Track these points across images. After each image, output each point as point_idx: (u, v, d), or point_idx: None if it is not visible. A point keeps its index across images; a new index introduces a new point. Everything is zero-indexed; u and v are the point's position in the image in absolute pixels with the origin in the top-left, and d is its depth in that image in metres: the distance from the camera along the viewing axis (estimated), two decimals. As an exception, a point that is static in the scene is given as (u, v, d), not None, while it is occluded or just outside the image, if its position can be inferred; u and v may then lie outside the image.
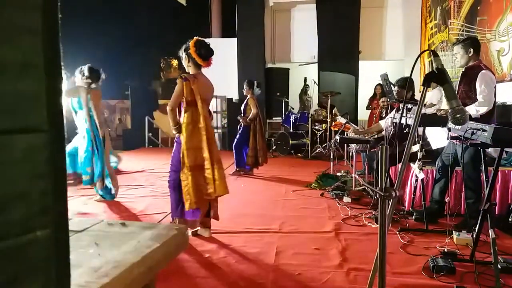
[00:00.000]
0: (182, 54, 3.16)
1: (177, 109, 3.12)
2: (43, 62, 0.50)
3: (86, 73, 4.11)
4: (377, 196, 1.42)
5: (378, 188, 1.25)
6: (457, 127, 2.71)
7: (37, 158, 0.48)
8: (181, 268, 2.62)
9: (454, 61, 3.58)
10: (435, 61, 1.30)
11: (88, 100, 4.09)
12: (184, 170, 3.07)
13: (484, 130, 2.34)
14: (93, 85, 4.19)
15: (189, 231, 3.28)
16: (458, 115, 1.35)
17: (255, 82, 6.09)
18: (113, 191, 4.33)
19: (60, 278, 0.54)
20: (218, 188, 3.13)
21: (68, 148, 4.20)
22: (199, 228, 3.28)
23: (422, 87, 1.33)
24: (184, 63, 3.19)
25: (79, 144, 4.22)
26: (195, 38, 3.15)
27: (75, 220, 1.19)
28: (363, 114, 9.44)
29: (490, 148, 3.03)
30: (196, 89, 3.06)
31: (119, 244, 0.98)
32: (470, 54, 3.38)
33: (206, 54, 3.11)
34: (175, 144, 3.19)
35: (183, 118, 3.09)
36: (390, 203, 1.24)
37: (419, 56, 1.40)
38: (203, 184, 3.10)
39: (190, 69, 3.17)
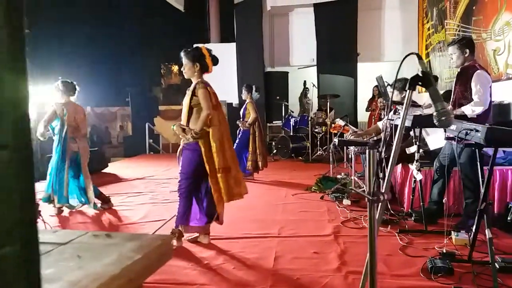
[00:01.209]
0: (188, 61, 3.14)
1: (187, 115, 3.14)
2: (8, 74, 0.50)
3: (61, 88, 4.18)
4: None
5: (366, 192, 1.26)
6: (452, 127, 2.71)
7: (3, 173, 0.48)
8: (180, 276, 2.63)
9: (451, 62, 3.59)
10: (419, 64, 1.31)
11: (64, 115, 4.13)
12: (212, 174, 3.08)
13: (477, 131, 2.34)
14: (71, 98, 4.26)
15: (189, 237, 3.29)
16: (443, 118, 1.36)
17: (254, 87, 6.11)
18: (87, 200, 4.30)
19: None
20: (243, 188, 3.25)
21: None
22: (198, 234, 3.29)
23: (408, 91, 1.35)
24: (191, 70, 3.15)
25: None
26: (202, 46, 3.22)
27: (60, 233, 1.19)
28: (363, 116, 9.45)
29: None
30: (213, 94, 3.15)
31: (101, 257, 0.99)
32: (466, 55, 3.39)
33: (216, 61, 3.21)
34: (185, 151, 3.15)
35: (210, 123, 3.10)
36: (379, 207, 1.25)
37: (403, 60, 1.41)
38: (232, 185, 3.14)
39: (195, 76, 3.17)
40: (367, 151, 1.24)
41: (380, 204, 1.24)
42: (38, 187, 5.57)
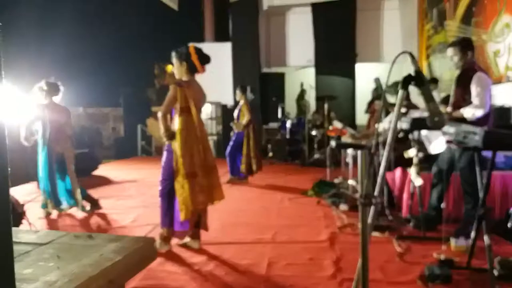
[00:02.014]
0: (176, 60, 3.08)
1: (168, 116, 3.04)
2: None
3: (45, 87, 4.08)
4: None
5: (358, 195, 1.14)
6: (450, 131, 2.61)
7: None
8: (169, 281, 2.53)
9: (451, 63, 3.48)
10: (412, 63, 1.23)
11: (45, 117, 4.02)
12: (178, 178, 2.98)
13: (475, 134, 2.26)
14: (54, 98, 4.16)
15: (179, 242, 3.17)
16: (435, 118, 1.27)
17: (248, 87, 6.00)
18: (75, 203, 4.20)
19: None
20: (216, 195, 3.13)
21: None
22: (188, 239, 3.17)
23: (400, 90, 1.25)
24: (178, 69, 3.10)
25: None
26: (191, 44, 3.12)
27: (41, 233, 1.20)
28: (361, 118, 9.34)
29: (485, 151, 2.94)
30: (190, 95, 3.02)
31: (81, 257, 1.00)
32: (467, 56, 3.30)
33: (205, 60, 3.09)
34: (165, 152, 3.11)
35: (177, 125, 3.02)
36: (371, 210, 1.14)
37: (396, 58, 1.33)
38: (197, 192, 3.02)
39: (183, 76, 3.09)
40: (359, 152, 1.13)
41: (372, 207, 1.13)
42: (29, 188, 5.44)
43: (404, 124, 3.34)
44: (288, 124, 8.42)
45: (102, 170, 7.39)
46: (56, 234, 1.21)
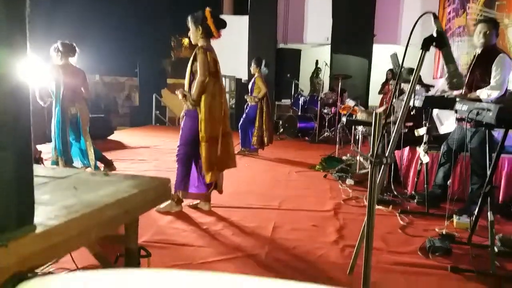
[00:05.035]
0: (192, 25, 3.08)
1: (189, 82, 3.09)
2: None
3: (60, 49, 4.12)
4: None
5: (369, 154, 1.21)
6: (463, 108, 2.63)
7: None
8: (178, 237, 2.65)
9: (476, 40, 3.40)
10: (435, 24, 1.25)
11: (60, 77, 4.08)
12: (203, 142, 3.05)
13: (489, 110, 2.26)
14: (70, 60, 4.21)
15: (190, 203, 3.30)
16: (454, 80, 1.30)
17: (264, 61, 5.99)
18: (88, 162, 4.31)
19: (22, 198, 0.61)
20: (230, 162, 3.20)
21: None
22: (199, 201, 3.30)
23: (421, 51, 1.28)
24: (195, 34, 3.09)
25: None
26: (207, 9, 3.09)
27: (58, 170, 1.25)
28: (374, 99, 9.27)
29: (497, 133, 2.95)
30: (216, 60, 3.07)
31: (97, 190, 1.01)
32: (495, 35, 3.27)
33: (221, 25, 3.08)
34: (185, 117, 3.14)
35: (206, 89, 3.03)
36: (381, 170, 1.21)
37: (419, 18, 1.35)
38: (216, 157, 3.11)
39: (200, 41, 3.09)
40: (373, 113, 1.19)
41: (382, 167, 1.20)
42: (46, 148, 5.62)
43: (416, 102, 3.36)
44: (301, 101, 8.42)
45: (117, 135, 7.55)
46: (73, 171, 1.24)
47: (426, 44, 1.25)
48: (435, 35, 1.22)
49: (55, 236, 0.78)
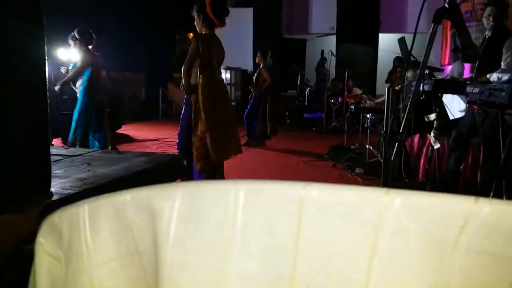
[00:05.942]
0: (195, 13, 3.07)
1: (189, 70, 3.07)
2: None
3: (78, 36, 4.08)
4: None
5: (383, 131, 1.18)
6: (474, 90, 2.57)
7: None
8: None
9: (485, 24, 3.32)
10: None
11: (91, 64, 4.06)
12: (196, 132, 3.03)
13: (501, 90, 2.21)
14: (88, 47, 4.18)
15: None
16: (468, 51, 1.26)
17: (269, 52, 5.96)
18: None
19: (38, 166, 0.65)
20: (233, 148, 3.18)
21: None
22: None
23: (432, 24, 1.24)
24: (197, 23, 3.09)
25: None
26: None
27: (71, 149, 1.30)
28: (382, 88, 9.17)
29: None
30: (212, 49, 3.03)
31: (111, 165, 1.06)
32: (504, 17, 3.19)
33: (222, 13, 3.03)
34: (184, 106, 3.15)
35: (199, 79, 3.03)
36: (395, 147, 1.18)
37: (424, 3, 1.30)
38: (216, 145, 3.08)
39: (203, 30, 3.08)
40: (386, 88, 1.16)
41: (396, 144, 1.17)
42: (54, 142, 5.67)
43: (426, 86, 3.30)
44: (307, 91, 8.36)
45: (125, 129, 7.59)
46: (86, 150, 1.29)
47: (439, 16, 1.21)
48: (447, 6, 1.18)
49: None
